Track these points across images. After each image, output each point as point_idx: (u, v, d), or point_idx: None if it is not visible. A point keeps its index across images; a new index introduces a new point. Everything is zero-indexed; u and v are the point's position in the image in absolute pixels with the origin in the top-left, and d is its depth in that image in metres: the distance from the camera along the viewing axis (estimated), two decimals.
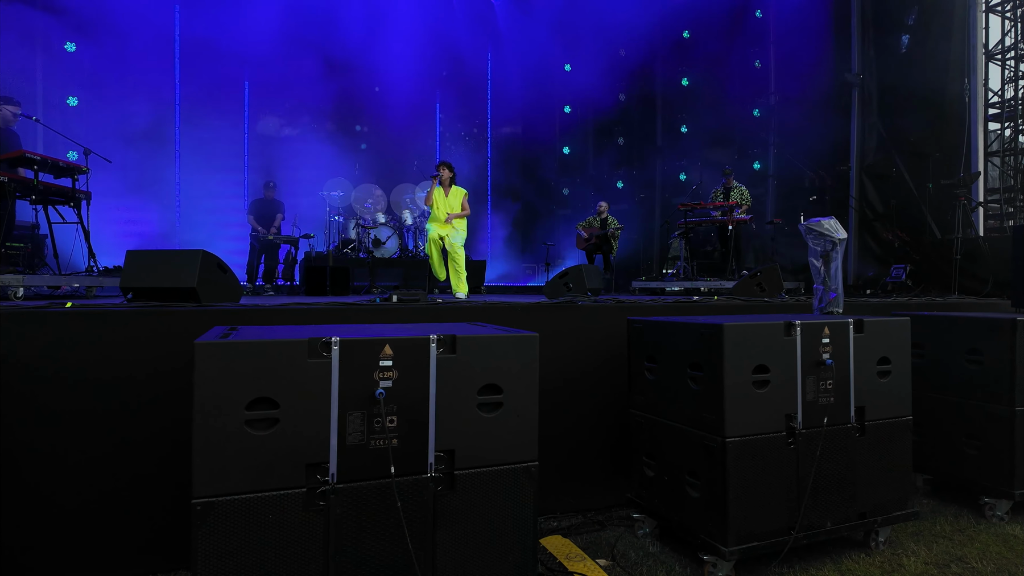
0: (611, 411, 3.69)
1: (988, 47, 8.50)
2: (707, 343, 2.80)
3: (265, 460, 1.96)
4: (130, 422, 2.80)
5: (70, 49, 9.68)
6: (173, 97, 10.14)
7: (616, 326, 3.67)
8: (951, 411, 3.78)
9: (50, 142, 8.06)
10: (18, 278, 4.41)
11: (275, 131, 11.45)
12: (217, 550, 1.90)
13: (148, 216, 9.57)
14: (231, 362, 1.94)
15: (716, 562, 2.73)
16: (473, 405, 2.21)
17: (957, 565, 2.93)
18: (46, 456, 2.68)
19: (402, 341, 2.13)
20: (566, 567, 2.86)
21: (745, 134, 11.56)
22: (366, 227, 9.20)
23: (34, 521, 2.66)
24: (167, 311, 2.98)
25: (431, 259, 6.67)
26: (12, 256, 6.13)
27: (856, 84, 9.42)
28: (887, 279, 8.16)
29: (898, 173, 8.95)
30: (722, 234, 8.57)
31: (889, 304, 5.01)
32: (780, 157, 11.12)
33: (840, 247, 3.82)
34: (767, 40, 11.28)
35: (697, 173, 12.06)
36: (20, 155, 4.95)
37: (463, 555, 2.17)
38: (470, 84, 12.23)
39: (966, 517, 3.52)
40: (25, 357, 2.68)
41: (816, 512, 2.88)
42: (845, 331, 2.99)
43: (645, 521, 3.24)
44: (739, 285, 5.86)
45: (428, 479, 2.14)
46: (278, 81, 11.10)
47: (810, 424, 2.89)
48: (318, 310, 3.33)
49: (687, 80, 12.42)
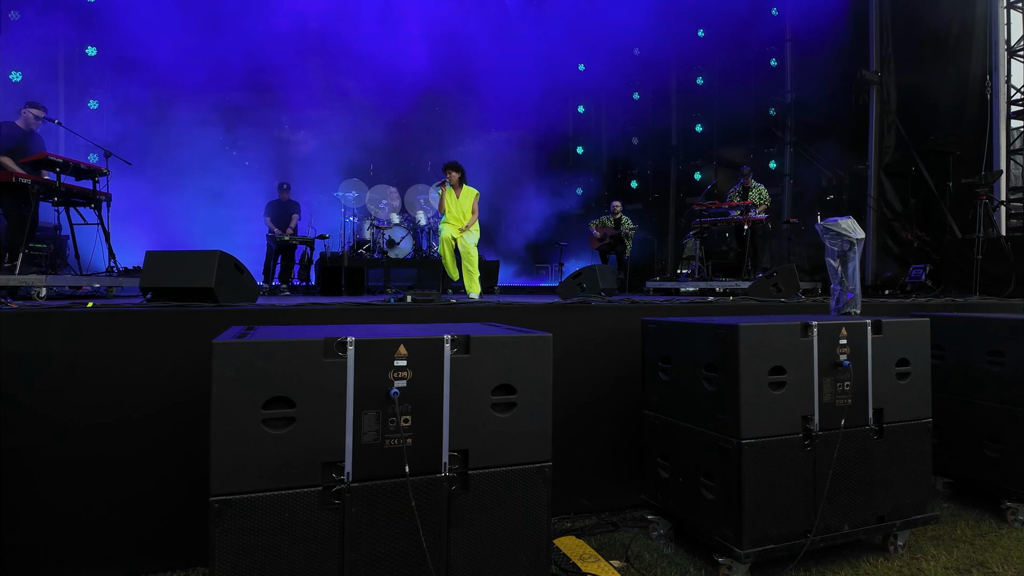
0: (625, 412, 3.67)
1: (1011, 43, 8.34)
2: (722, 344, 2.78)
3: (281, 458, 1.98)
4: (148, 420, 2.84)
5: (91, 53, 9.85)
6: (192, 99, 10.26)
7: (630, 327, 3.66)
8: (972, 413, 3.72)
9: (71, 144, 8.20)
10: (41, 278, 4.50)
11: (291, 132, 11.56)
12: (234, 547, 1.92)
13: (167, 217, 9.70)
14: (248, 361, 1.96)
15: (731, 564, 2.71)
16: (487, 405, 2.21)
17: (978, 570, 2.88)
18: (66, 453, 2.73)
19: (416, 341, 2.14)
20: (580, 568, 2.85)
21: (761, 133, 11.45)
22: (380, 228, 9.25)
23: (52, 518, 2.71)
24: (185, 311, 3.02)
25: (444, 259, 6.68)
26: (35, 257, 6.25)
27: (874, 82, 9.29)
28: (906, 279, 8.05)
29: (917, 172, 8.82)
30: (738, 234, 8.50)
31: (908, 305, 4.94)
32: (796, 156, 11.01)
33: (858, 247, 3.77)
34: (783, 38, 11.16)
35: (712, 172, 11.98)
36: (43, 158, 5.05)
37: (477, 554, 2.17)
38: (484, 84, 12.24)
39: (987, 521, 3.46)
40: (48, 356, 2.73)
41: (833, 515, 2.85)
42: (863, 332, 2.96)
43: (659, 523, 3.23)
44: (755, 285, 5.82)
45: (442, 478, 2.15)
46: (295, 82, 11.20)
47: (827, 426, 2.86)
48: (333, 310, 3.36)
49: (702, 79, 12.33)
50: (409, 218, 9.96)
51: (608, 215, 9.94)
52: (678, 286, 8.25)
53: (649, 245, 12.50)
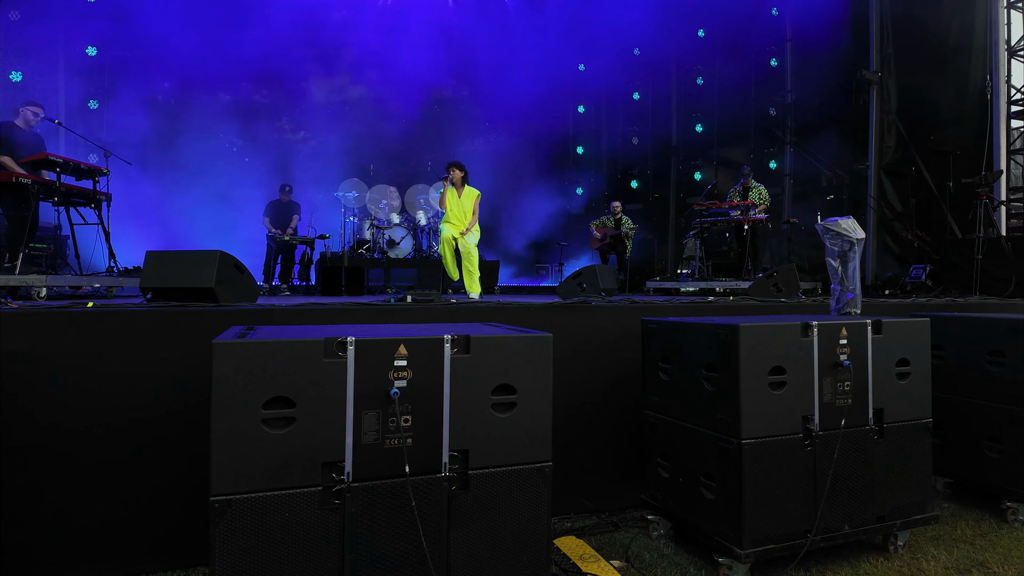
0: (625, 412, 3.67)
1: (1011, 43, 8.34)
2: (723, 344, 2.78)
3: (282, 458, 1.98)
4: (147, 420, 2.84)
5: (91, 53, 9.85)
6: (192, 99, 10.27)
7: (630, 327, 3.66)
8: (972, 413, 3.72)
9: (71, 144, 8.20)
10: (41, 278, 4.50)
11: (291, 132, 11.57)
12: (234, 547, 1.92)
13: (167, 217, 9.70)
14: (248, 361, 1.96)
15: (731, 564, 2.71)
16: (487, 405, 2.21)
17: (978, 570, 2.88)
18: (65, 453, 2.72)
19: (417, 341, 2.14)
20: (580, 568, 2.85)
21: (761, 133, 11.45)
22: (380, 228, 9.26)
23: (52, 518, 2.71)
24: (185, 311, 3.02)
25: (444, 259, 6.68)
26: (35, 257, 6.25)
27: (874, 82, 9.28)
28: (906, 279, 8.05)
29: (917, 171, 8.81)
30: (738, 234, 8.50)
31: (908, 305, 4.93)
32: (796, 156, 11.01)
33: (858, 247, 3.77)
34: (783, 38, 11.15)
35: (712, 172, 11.98)
36: (44, 158, 5.05)
37: (477, 554, 2.17)
38: (484, 84, 12.25)
39: (987, 521, 3.46)
40: (48, 356, 2.73)
41: (833, 515, 2.85)
42: (863, 332, 2.96)
43: (660, 523, 3.23)
44: (755, 285, 5.82)
45: (442, 478, 2.15)
46: (295, 82, 11.21)
47: (827, 426, 2.86)
48: (333, 310, 3.36)
49: (702, 79, 12.32)
50: (409, 218, 9.96)
51: (608, 215, 9.94)
52: (678, 286, 8.25)
53: (649, 245, 12.50)
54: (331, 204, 10.55)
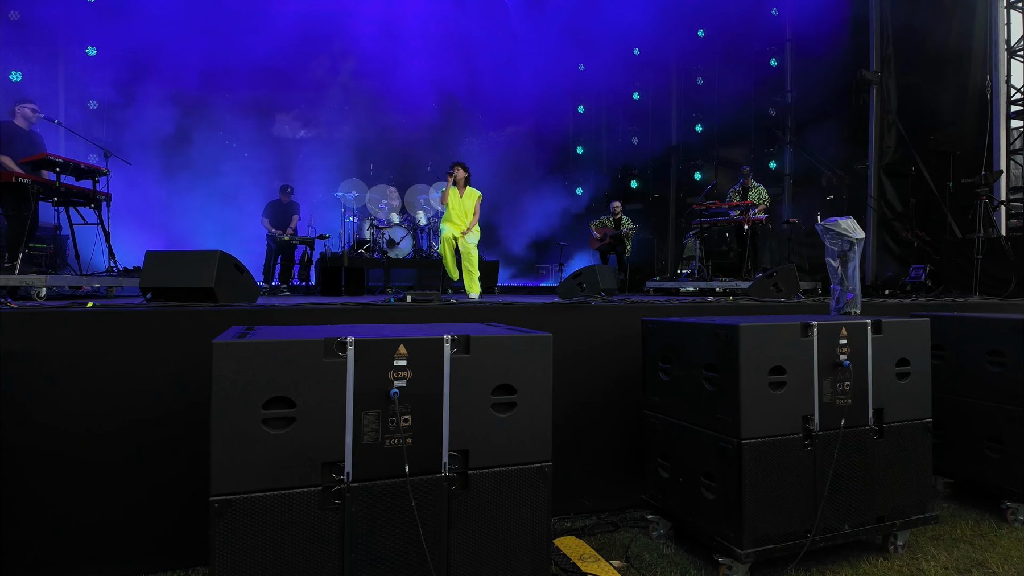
0: (625, 412, 3.67)
1: (1011, 43, 8.34)
2: (723, 344, 2.78)
3: (281, 458, 1.98)
4: (147, 420, 2.84)
5: (91, 53, 9.85)
6: (192, 99, 10.26)
7: (630, 327, 3.66)
8: (972, 413, 3.72)
9: (71, 144, 8.20)
10: (41, 278, 4.50)
11: (291, 132, 11.57)
12: (234, 547, 1.92)
13: (167, 217, 9.70)
14: (248, 361, 1.96)
15: (731, 564, 2.71)
16: (487, 405, 2.21)
17: (978, 570, 2.88)
18: (65, 453, 2.72)
19: (416, 341, 2.14)
20: (580, 568, 2.85)
21: (761, 133, 11.45)
22: (380, 228, 9.26)
23: (52, 518, 2.71)
24: (185, 311, 3.02)
25: (444, 259, 6.68)
26: (35, 257, 6.25)
27: (874, 82, 9.29)
28: (906, 279, 8.05)
29: (917, 171, 8.81)
30: (738, 234, 8.51)
31: (908, 305, 4.93)
32: (796, 156, 11.01)
33: (858, 247, 3.77)
34: (783, 38, 11.15)
35: (712, 172, 11.98)
36: (43, 157, 5.05)
37: (476, 554, 2.17)
38: (484, 84, 12.25)
39: (987, 521, 3.46)
40: (47, 356, 2.73)
41: (833, 515, 2.85)
42: (863, 332, 2.96)
43: (660, 523, 3.23)
44: (755, 285, 5.82)
45: (442, 478, 2.15)
46: (294, 83, 11.20)
47: (827, 426, 2.86)
48: (333, 310, 3.36)
49: (702, 79, 12.32)
50: (409, 218, 9.96)
51: (608, 215, 9.94)
52: (678, 286, 8.25)
53: (649, 245, 12.50)
54: (331, 204, 10.55)
